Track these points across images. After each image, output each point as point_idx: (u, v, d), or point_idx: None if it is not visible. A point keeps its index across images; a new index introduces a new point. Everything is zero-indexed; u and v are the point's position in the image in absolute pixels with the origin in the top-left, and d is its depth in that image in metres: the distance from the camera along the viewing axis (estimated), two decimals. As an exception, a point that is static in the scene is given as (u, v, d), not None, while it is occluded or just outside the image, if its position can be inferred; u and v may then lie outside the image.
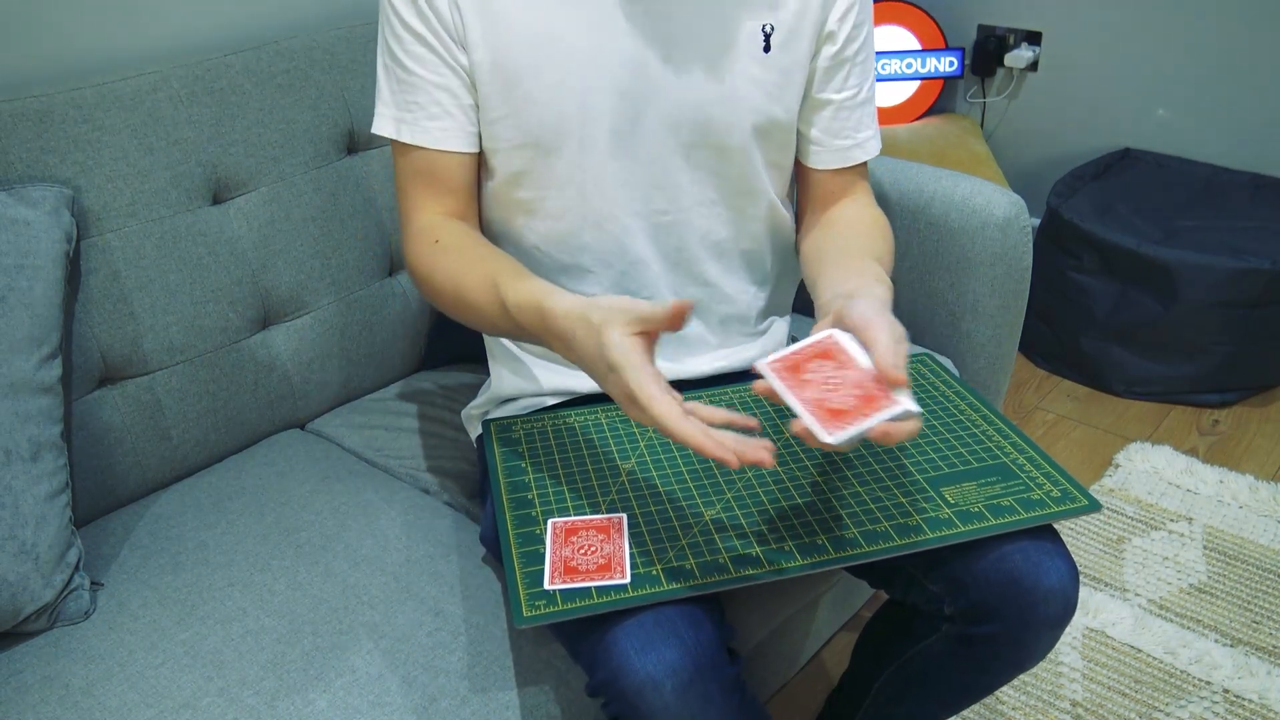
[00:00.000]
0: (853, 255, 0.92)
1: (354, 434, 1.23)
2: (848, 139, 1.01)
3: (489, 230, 1.02)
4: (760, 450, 0.69)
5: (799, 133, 1.01)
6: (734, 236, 1.00)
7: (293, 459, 1.15)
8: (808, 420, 0.70)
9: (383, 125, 0.93)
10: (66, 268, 0.98)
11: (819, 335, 0.76)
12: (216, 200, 1.14)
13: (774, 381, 0.73)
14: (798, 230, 1.08)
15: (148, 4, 1.17)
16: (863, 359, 0.73)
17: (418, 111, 0.91)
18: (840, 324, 0.76)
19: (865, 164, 1.05)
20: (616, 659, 0.73)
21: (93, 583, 0.95)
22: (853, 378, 0.72)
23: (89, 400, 1.05)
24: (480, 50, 0.89)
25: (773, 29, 0.92)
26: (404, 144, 0.93)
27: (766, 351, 1.12)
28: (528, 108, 0.90)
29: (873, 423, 0.69)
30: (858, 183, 1.04)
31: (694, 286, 1.01)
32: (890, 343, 0.71)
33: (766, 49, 0.92)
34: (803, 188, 1.06)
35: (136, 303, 1.06)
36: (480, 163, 0.97)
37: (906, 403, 0.70)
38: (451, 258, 0.89)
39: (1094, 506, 0.83)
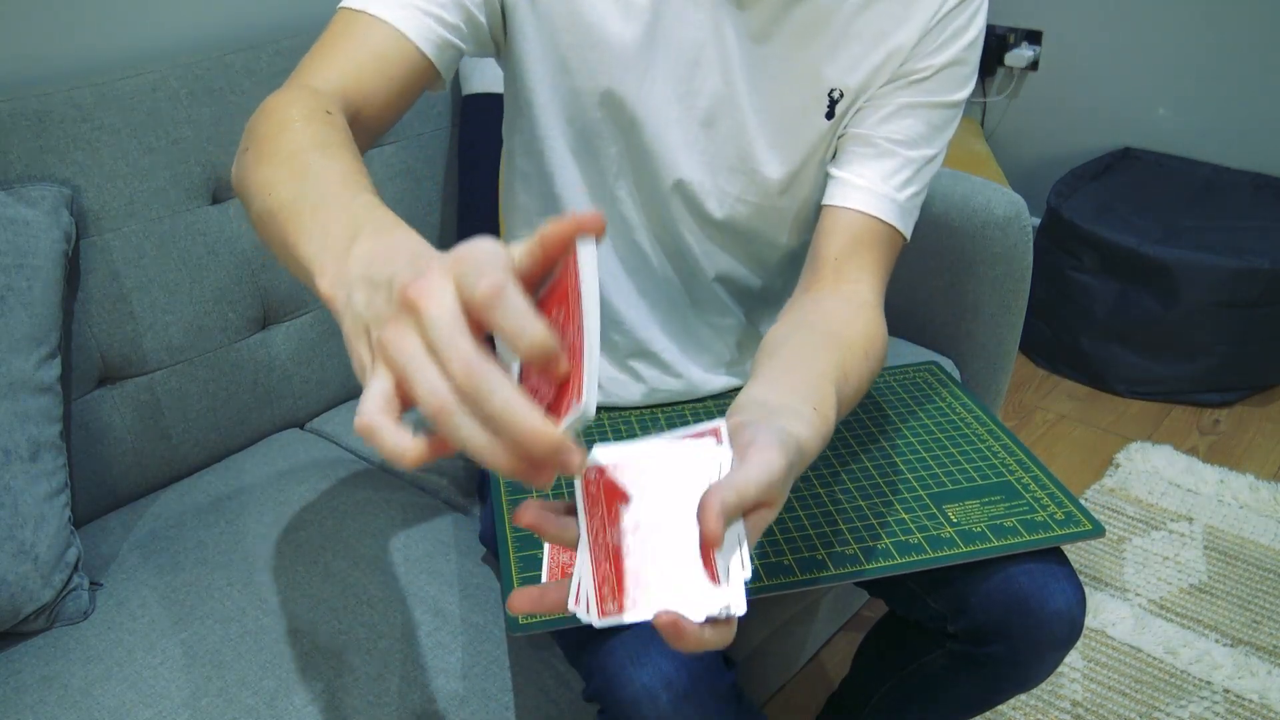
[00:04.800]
0: (810, 367, 0.70)
1: (354, 433, 1.23)
2: (881, 183, 0.84)
3: (518, 218, 0.99)
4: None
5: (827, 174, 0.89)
6: (748, 275, 0.98)
7: (293, 459, 1.15)
8: (583, 574, 0.47)
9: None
10: (65, 267, 0.98)
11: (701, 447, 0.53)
12: (216, 200, 1.14)
13: (578, 497, 0.50)
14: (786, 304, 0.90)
15: (148, 4, 1.17)
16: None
17: None
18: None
19: (888, 248, 0.85)
20: (612, 669, 0.73)
21: (92, 583, 0.95)
22: (682, 541, 0.49)
23: (88, 400, 1.05)
24: (536, 33, 0.83)
25: (840, 95, 0.84)
26: (357, 11, 0.76)
27: None
28: (574, 100, 0.85)
29: (652, 616, 0.47)
30: (872, 268, 0.84)
31: (710, 312, 0.99)
32: (736, 487, 0.49)
33: (829, 115, 0.85)
34: (810, 247, 0.88)
35: (136, 303, 1.06)
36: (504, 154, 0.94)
37: (726, 603, 0.47)
38: (343, 139, 0.66)
39: (1098, 531, 0.82)
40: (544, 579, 0.77)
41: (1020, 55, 2.37)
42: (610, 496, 0.50)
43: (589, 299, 0.42)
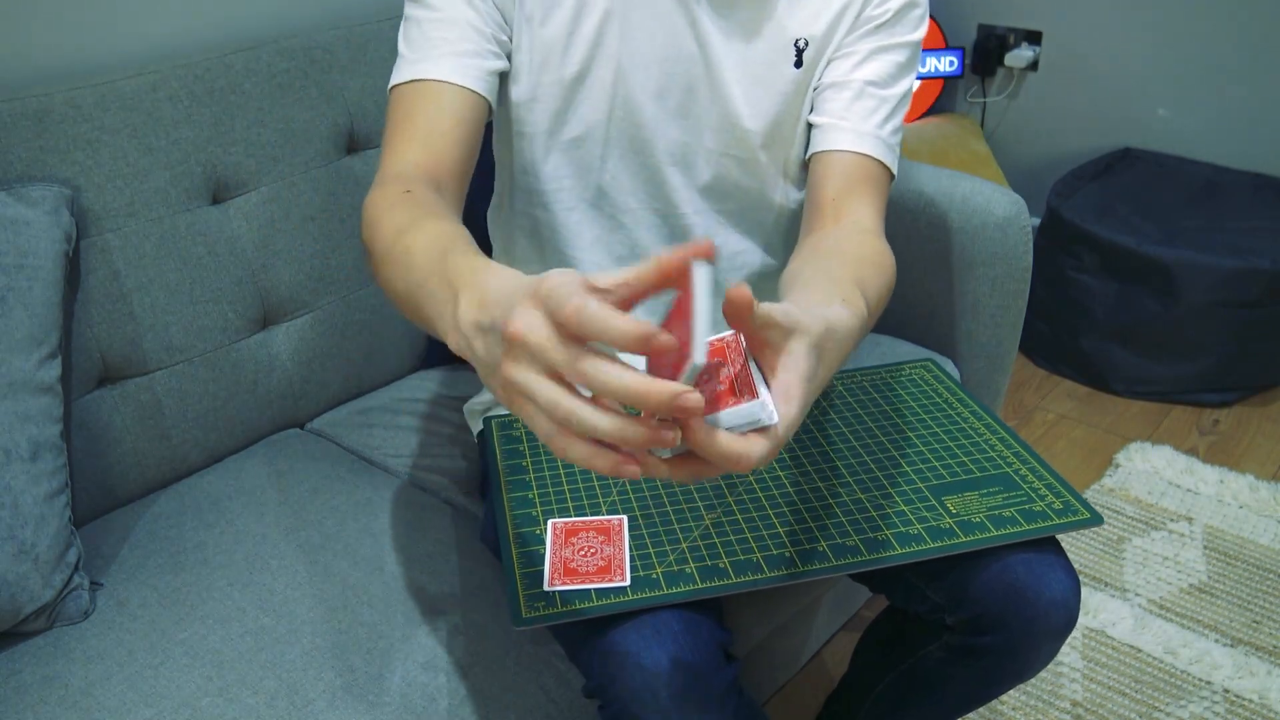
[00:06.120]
0: (831, 277, 0.74)
1: (354, 434, 1.23)
2: (863, 122, 0.90)
3: (502, 219, 1.02)
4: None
5: (809, 125, 0.95)
6: (745, 247, 1.00)
7: (293, 459, 1.15)
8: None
9: (391, 77, 0.86)
10: (66, 267, 0.98)
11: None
12: (216, 200, 1.14)
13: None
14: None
15: (148, 4, 1.17)
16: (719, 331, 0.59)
17: (428, 49, 0.84)
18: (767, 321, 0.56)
19: (878, 183, 0.91)
20: (613, 663, 0.73)
21: (92, 583, 0.95)
22: (728, 371, 0.57)
23: (89, 400, 1.05)
24: (524, 30, 0.88)
25: (806, 44, 0.91)
26: (403, 85, 0.84)
27: None
28: (558, 90, 0.90)
29: (723, 416, 0.53)
30: (867, 201, 0.89)
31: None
32: (799, 360, 0.55)
33: (798, 64, 0.91)
34: (806, 199, 0.94)
35: (136, 303, 1.06)
36: (497, 144, 0.97)
37: (763, 395, 0.54)
38: (419, 208, 0.73)
39: (1096, 520, 0.83)
40: (545, 578, 0.77)
41: (1020, 55, 2.37)
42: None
43: (701, 296, 0.50)
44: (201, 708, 0.82)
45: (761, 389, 0.55)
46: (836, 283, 0.72)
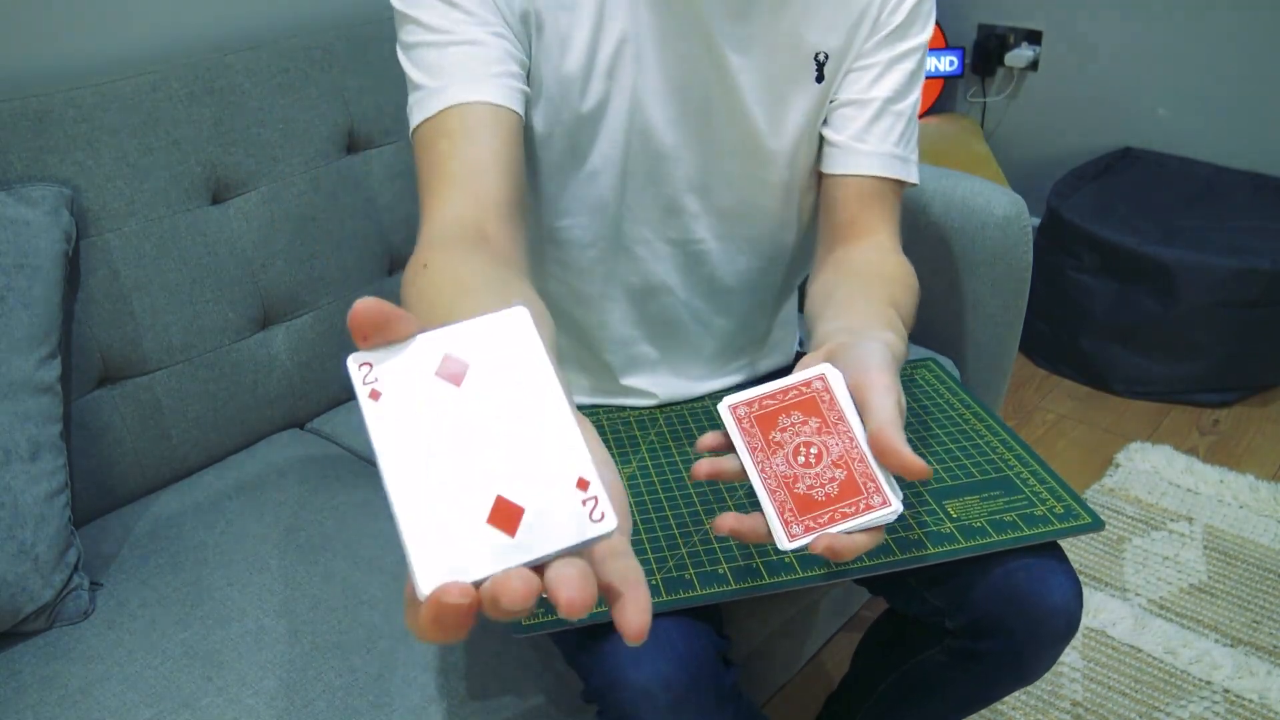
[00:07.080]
0: (869, 298, 0.75)
1: (354, 434, 1.23)
2: (881, 144, 0.88)
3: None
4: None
5: (822, 139, 0.92)
6: (766, 268, 0.98)
7: (293, 459, 1.15)
8: (769, 511, 0.54)
9: (413, 113, 0.76)
10: (66, 267, 0.98)
11: (806, 374, 0.60)
12: (216, 200, 1.14)
13: (736, 438, 0.56)
14: (811, 269, 0.94)
15: (148, 4, 1.17)
16: (854, 419, 0.57)
17: (455, 73, 0.74)
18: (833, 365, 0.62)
19: (895, 198, 0.90)
20: (611, 670, 0.73)
21: (92, 583, 0.95)
22: (838, 450, 0.56)
23: (88, 400, 1.05)
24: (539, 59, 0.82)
25: (826, 58, 0.87)
26: (428, 121, 0.74)
27: (776, 362, 1.10)
28: (575, 125, 0.85)
29: (848, 527, 0.54)
30: (886, 218, 0.89)
31: (720, 317, 1.00)
32: (892, 410, 0.57)
33: (819, 79, 0.88)
34: (821, 215, 0.93)
35: (136, 302, 1.06)
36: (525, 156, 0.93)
37: (894, 503, 0.55)
38: (423, 294, 0.64)
39: (1097, 525, 0.82)
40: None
41: (1020, 55, 2.37)
42: (764, 428, 0.56)
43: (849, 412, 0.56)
44: (201, 708, 0.82)
45: (889, 490, 0.56)
46: (874, 305, 0.73)
